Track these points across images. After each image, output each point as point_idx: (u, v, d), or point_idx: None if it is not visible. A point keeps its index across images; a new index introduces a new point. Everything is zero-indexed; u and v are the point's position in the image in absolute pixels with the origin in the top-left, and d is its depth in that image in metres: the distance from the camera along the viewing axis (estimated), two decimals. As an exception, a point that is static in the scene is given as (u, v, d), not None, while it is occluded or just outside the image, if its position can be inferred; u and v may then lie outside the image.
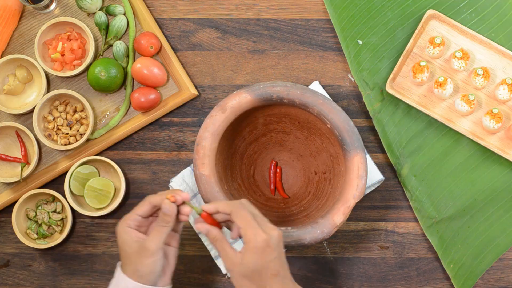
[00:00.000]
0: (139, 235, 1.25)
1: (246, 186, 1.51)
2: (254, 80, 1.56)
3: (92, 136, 1.53)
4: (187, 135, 1.55)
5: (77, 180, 1.52)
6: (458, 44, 1.51)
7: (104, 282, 1.54)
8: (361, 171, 1.36)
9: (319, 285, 1.54)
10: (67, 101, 1.54)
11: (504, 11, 1.52)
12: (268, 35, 1.56)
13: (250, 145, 1.52)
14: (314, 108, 1.38)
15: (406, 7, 1.53)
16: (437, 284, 1.53)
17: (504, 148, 1.49)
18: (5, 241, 1.55)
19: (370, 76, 1.52)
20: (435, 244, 1.51)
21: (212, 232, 1.24)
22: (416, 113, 1.52)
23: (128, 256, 1.24)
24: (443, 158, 1.52)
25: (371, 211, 1.54)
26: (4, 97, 1.54)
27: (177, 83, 1.55)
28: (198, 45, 1.56)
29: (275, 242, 1.21)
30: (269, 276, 1.21)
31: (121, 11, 1.55)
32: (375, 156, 1.54)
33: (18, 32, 1.56)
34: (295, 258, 1.54)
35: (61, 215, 1.54)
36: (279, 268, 1.22)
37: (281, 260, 1.23)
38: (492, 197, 1.51)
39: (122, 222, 1.26)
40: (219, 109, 1.39)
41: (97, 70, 1.50)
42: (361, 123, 1.55)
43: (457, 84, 1.51)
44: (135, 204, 1.54)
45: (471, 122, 1.50)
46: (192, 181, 1.53)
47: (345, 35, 1.53)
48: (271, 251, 1.21)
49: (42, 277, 1.55)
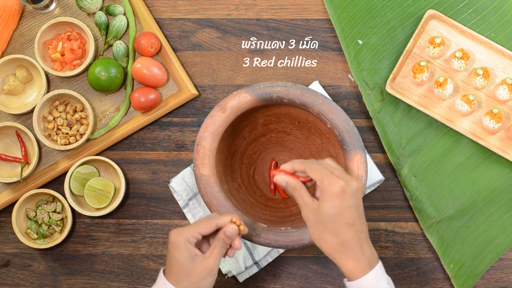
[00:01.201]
0: (197, 252, 1.26)
1: (246, 186, 1.51)
2: (254, 80, 1.56)
3: (92, 136, 1.53)
4: (187, 135, 1.55)
5: (77, 180, 1.52)
6: (458, 44, 1.51)
7: (104, 282, 1.54)
8: (361, 171, 1.36)
9: (319, 285, 1.54)
10: (67, 101, 1.54)
11: (504, 11, 1.52)
12: (268, 35, 1.56)
13: (250, 145, 1.52)
14: (314, 108, 1.38)
15: (406, 7, 1.53)
16: (437, 284, 1.53)
17: (504, 148, 1.49)
18: (5, 241, 1.55)
19: (370, 76, 1.52)
20: (435, 244, 1.51)
21: (291, 182, 1.25)
22: (416, 113, 1.52)
23: (186, 271, 1.24)
24: (443, 158, 1.52)
25: (371, 211, 1.54)
26: (4, 97, 1.54)
27: (177, 83, 1.55)
28: (198, 45, 1.56)
29: (353, 191, 1.22)
30: (343, 224, 1.21)
31: (121, 11, 1.55)
32: (375, 156, 1.54)
33: (18, 32, 1.56)
34: (295, 258, 1.54)
35: (61, 215, 1.54)
36: (355, 218, 1.21)
37: (358, 211, 1.22)
38: (492, 197, 1.51)
39: (181, 235, 1.25)
40: (219, 109, 1.39)
41: (97, 70, 1.50)
42: (361, 123, 1.55)
43: (457, 84, 1.51)
44: (135, 204, 1.55)
45: (471, 122, 1.50)
46: (192, 181, 1.53)
47: (345, 35, 1.53)
48: (347, 198, 1.21)
49: (42, 277, 1.55)
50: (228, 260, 1.52)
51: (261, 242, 1.37)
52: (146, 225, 1.54)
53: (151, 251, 1.54)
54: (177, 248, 1.24)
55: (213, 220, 1.26)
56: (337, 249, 1.22)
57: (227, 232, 1.25)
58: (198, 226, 1.26)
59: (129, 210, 1.55)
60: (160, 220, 1.55)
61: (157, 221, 1.55)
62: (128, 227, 1.55)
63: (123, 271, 1.54)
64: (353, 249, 1.21)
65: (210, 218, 1.27)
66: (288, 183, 1.26)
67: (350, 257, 1.21)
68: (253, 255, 1.52)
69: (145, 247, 1.54)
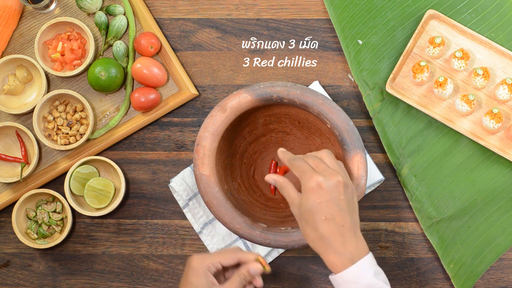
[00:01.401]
0: (215, 281, 1.26)
1: (246, 186, 1.51)
2: (254, 80, 1.56)
3: (92, 136, 1.53)
4: (187, 135, 1.55)
5: (77, 180, 1.52)
6: (458, 44, 1.51)
7: (104, 282, 1.54)
8: (361, 171, 1.36)
9: (319, 285, 1.54)
10: (67, 101, 1.54)
11: (504, 11, 1.52)
12: (268, 35, 1.56)
13: (250, 145, 1.52)
14: (314, 108, 1.38)
15: (406, 7, 1.53)
16: (437, 284, 1.53)
17: (504, 148, 1.49)
18: (5, 241, 1.55)
19: (370, 76, 1.52)
20: (435, 244, 1.51)
21: (279, 180, 1.28)
22: (416, 113, 1.52)
23: None
24: (443, 158, 1.52)
25: (371, 211, 1.54)
26: (4, 97, 1.54)
27: (177, 83, 1.55)
28: (198, 45, 1.56)
29: (330, 185, 1.23)
30: (321, 218, 1.22)
31: (121, 11, 1.55)
32: (375, 156, 1.54)
33: (18, 32, 1.56)
34: (295, 258, 1.54)
35: (61, 215, 1.54)
36: (334, 213, 1.22)
37: (338, 206, 1.23)
38: (492, 197, 1.51)
39: (203, 262, 1.26)
40: (219, 109, 1.39)
41: (97, 70, 1.50)
42: (361, 123, 1.55)
43: (457, 84, 1.51)
44: (135, 204, 1.55)
45: (471, 122, 1.50)
46: (192, 181, 1.53)
47: (345, 35, 1.53)
48: (324, 193, 1.22)
49: (42, 277, 1.55)
50: (228, 260, 1.52)
51: (261, 242, 1.37)
52: (146, 225, 1.55)
53: (151, 251, 1.54)
54: (197, 274, 1.26)
55: (237, 254, 1.27)
56: (318, 243, 1.23)
57: (250, 270, 1.26)
58: (221, 256, 1.27)
59: (129, 210, 1.55)
60: (160, 220, 1.55)
61: (157, 221, 1.55)
62: (128, 227, 1.55)
63: (123, 271, 1.54)
64: (333, 243, 1.22)
65: (234, 251, 1.28)
66: (276, 181, 1.29)
67: (331, 251, 1.22)
68: (253, 255, 1.52)
69: (145, 247, 1.54)
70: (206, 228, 1.53)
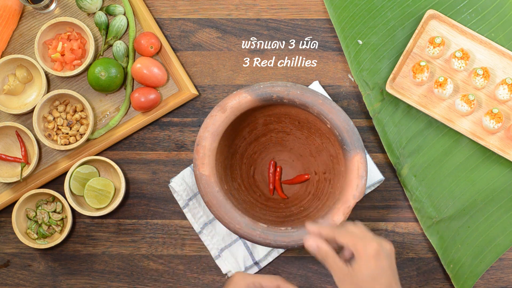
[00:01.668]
0: None
1: (246, 186, 1.51)
2: (254, 80, 1.56)
3: (92, 136, 1.53)
4: (187, 135, 1.55)
5: (77, 180, 1.52)
6: (458, 44, 1.51)
7: (104, 282, 1.54)
8: (361, 171, 1.36)
9: (319, 285, 1.54)
10: (67, 101, 1.54)
11: (504, 11, 1.52)
12: (268, 35, 1.56)
13: (250, 145, 1.52)
14: (314, 108, 1.38)
15: (406, 7, 1.53)
16: (437, 284, 1.53)
17: (504, 148, 1.49)
18: (5, 241, 1.55)
19: (370, 76, 1.52)
20: (435, 244, 1.51)
21: (323, 248, 1.24)
22: (416, 113, 1.52)
23: None
24: (443, 158, 1.52)
25: (371, 211, 1.54)
26: (4, 97, 1.54)
27: (177, 83, 1.55)
28: (198, 45, 1.56)
29: (387, 252, 1.23)
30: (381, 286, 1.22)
31: (121, 11, 1.55)
32: (375, 156, 1.54)
33: (18, 32, 1.56)
34: (295, 258, 1.54)
35: (61, 215, 1.54)
36: (391, 280, 1.23)
37: (393, 272, 1.23)
38: (492, 197, 1.51)
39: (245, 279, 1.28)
40: (219, 109, 1.39)
41: (97, 70, 1.50)
42: (361, 123, 1.55)
43: (457, 84, 1.51)
44: (135, 204, 1.55)
45: (471, 122, 1.50)
46: (192, 181, 1.53)
47: (345, 35, 1.53)
48: (382, 260, 1.22)
49: (42, 277, 1.55)
50: (228, 260, 1.52)
51: (261, 242, 1.37)
52: (146, 225, 1.55)
53: (151, 251, 1.54)
54: None
55: (278, 281, 1.29)
56: None
57: None
58: (263, 278, 1.29)
59: (129, 210, 1.55)
60: (160, 220, 1.55)
61: (157, 221, 1.55)
62: (128, 227, 1.55)
63: (123, 271, 1.54)
64: None
65: (276, 278, 1.30)
66: (320, 249, 1.25)
67: None
68: (253, 255, 1.52)
69: (145, 247, 1.54)
70: (206, 228, 1.53)
